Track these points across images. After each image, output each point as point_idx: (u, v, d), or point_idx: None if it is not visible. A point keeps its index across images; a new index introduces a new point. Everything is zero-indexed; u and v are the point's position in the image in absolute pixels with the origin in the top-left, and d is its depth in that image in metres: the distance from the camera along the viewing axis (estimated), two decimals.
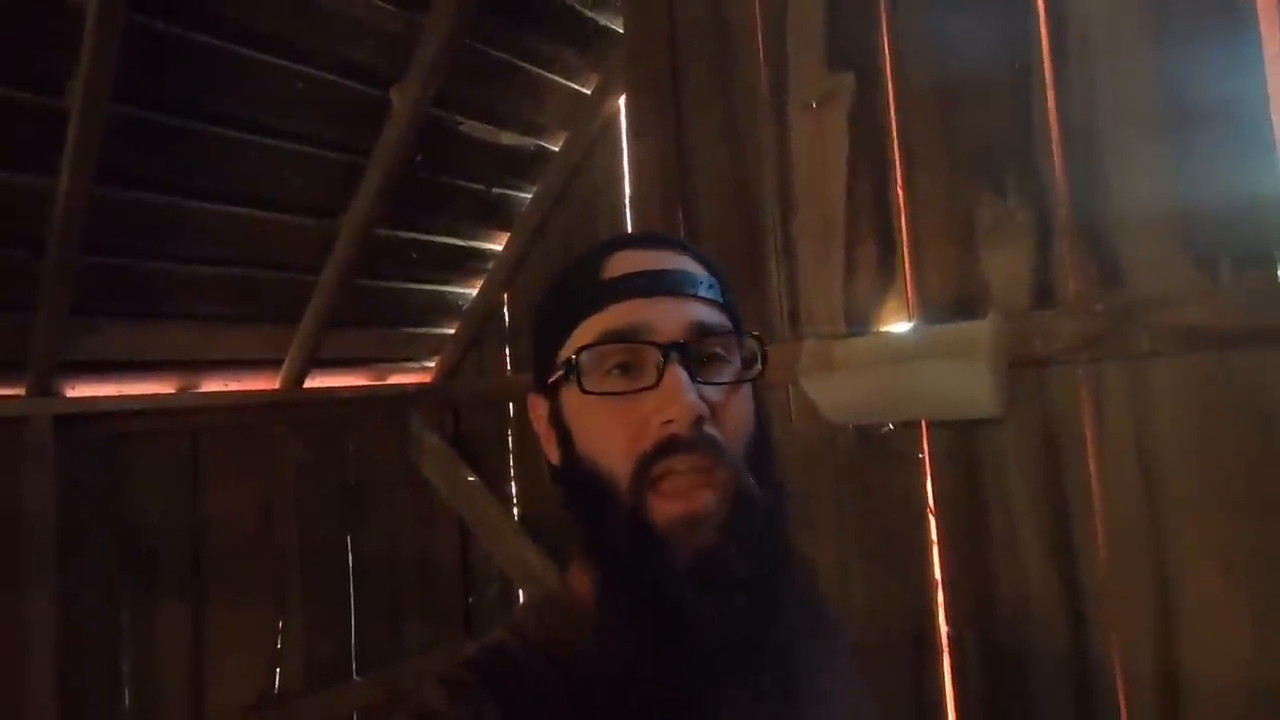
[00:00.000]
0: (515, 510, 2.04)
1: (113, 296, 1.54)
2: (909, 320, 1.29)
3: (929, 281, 1.27)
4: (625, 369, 0.49)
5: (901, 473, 1.29)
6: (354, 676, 1.99)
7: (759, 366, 0.53)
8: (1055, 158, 1.14)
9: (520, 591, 2.02)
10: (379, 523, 2.10)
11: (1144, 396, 1.06)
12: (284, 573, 1.91)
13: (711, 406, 0.48)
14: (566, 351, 0.51)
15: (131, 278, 1.52)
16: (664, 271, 0.51)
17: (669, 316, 0.49)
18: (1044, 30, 1.14)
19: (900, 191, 1.30)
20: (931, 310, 1.26)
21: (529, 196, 1.98)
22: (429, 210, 1.83)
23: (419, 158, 1.66)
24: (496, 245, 2.06)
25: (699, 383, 0.48)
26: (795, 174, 1.44)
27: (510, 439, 2.07)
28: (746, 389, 0.52)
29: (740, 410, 0.51)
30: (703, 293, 0.52)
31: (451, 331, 2.22)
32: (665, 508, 0.46)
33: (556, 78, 1.75)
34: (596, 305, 0.51)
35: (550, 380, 0.53)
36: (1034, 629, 1.15)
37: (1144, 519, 1.06)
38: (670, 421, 0.46)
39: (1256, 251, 0.98)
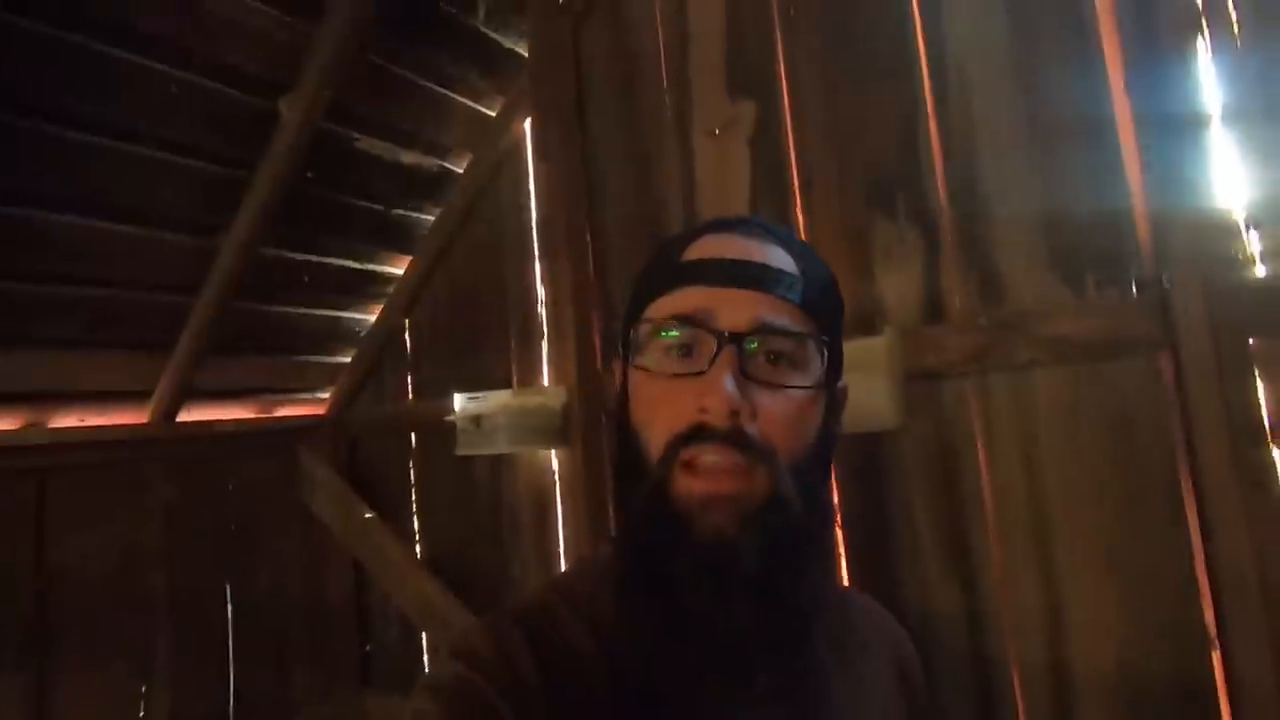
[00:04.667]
0: (418, 548, 1.92)
1: None
2: None
3: None
4: (684, 351, 0.49)
5: None
6: None
7: (821, 374, 0.50)
8: (939, 185, 1.22)
9: (424, 636, 1.90)
10: (263, 567, 1.93)
11: (1025, 403, 1.13)
12: (149, 629, 1.70)
13: (762, 406, 0.47)
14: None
15: None
16: (741, 262, 0.50)
17: (734, 307, 0.48)
18: (925, 70, 1.23)
19: (800, 215, 1.36)
20: None
21: (431, 218, 1.93)
22: (323, 230, 1.74)
23: (310, 174, 1.57)
24: (396, 269, 1.98)
25: (751, 380, 0.47)
26: (700, 197, 1.47)
27: (413, 472, 1.97)
28: (816, 397, 0.50)
29: (794, 416, 0.48)
30: (780, 291, 0.49)
31: (347, 360, 2.11)
32: (688, 484, 0.46)
33: (460, 98, 1.72)
34: (669, 286, 0.51)
35: (620, 350, 0.55)
36: (937, 633, 1.19)
37: (1028, 518, 1.13)
38: (705, 410, 0.46)
39: (1114, 271, 1.08)
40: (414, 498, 1.96)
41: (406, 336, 2.02)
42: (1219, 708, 0.98)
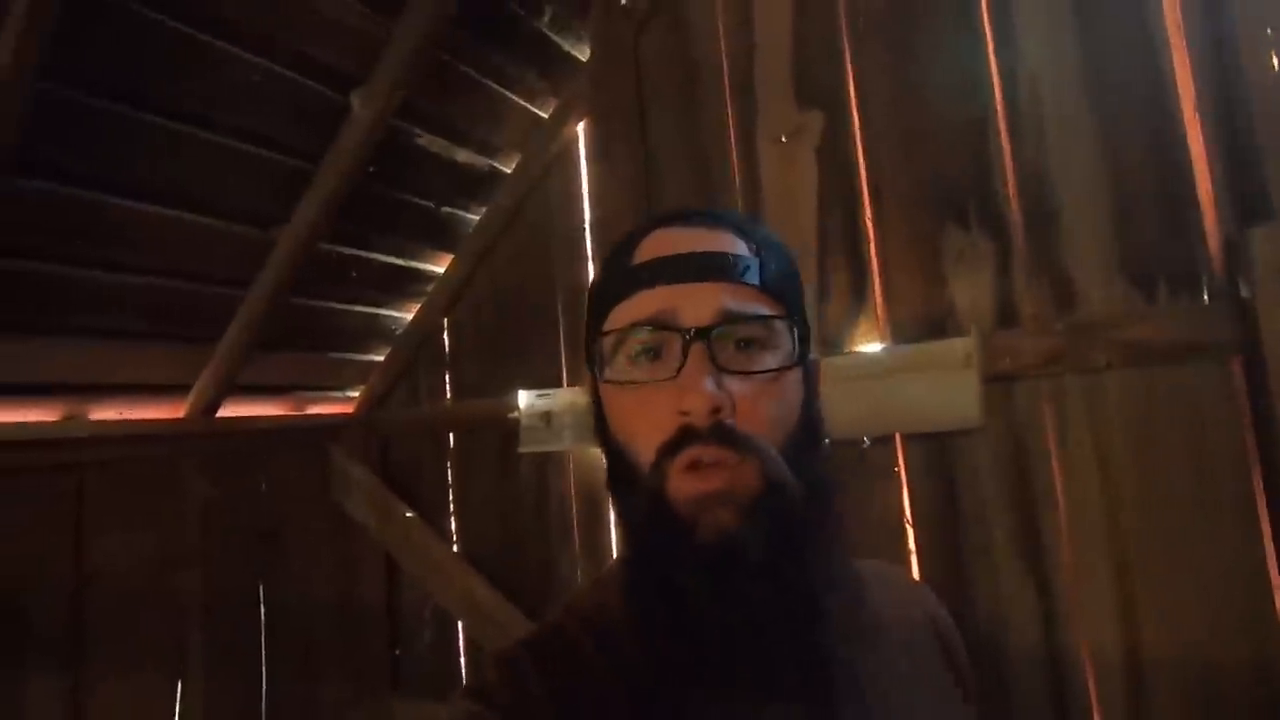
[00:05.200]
0: (455, 548, 1.90)
1: None
2: (880, 341, 1.36)
3: (899, 305, 1.35)
4: (653, 355, 0.49)
5: (878, 487, 1.34)
6: None
7: (795, 354, 0.50)
8: (1011, 193, 1.27)
9: (460, 638, 1.88)
10: (295, 569, 1.89)
11: (1099, 406, 1.18)
12: (184, 631, 1.65)
13: (740, 395, 0.46)
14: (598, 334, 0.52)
15: (22, 284, 1.30)
16: (695, 255, 0.49)
17: (695, 302, 0.48)
18: (997, 83, 1.29)
19: (869, 223, 1.40)
20: (902, 331, 1.34)
21: (475, 218, 1.92)
22: (374, 226, 1.73)
23: (371, 169, 1.57)
24: (437, 267, 1.97)
25: (725, 371, 0.46)
26: (765, 203, 1.51)
27: (450, 472, 1.95)
28: (792, 376, 0.50)
29: (774, 399, 0.48)
30: (737, 276, 0.49)
31: (379, 359, 2.08)
32: (683, 487, 0.45)
33: (517, 99, 1.73)
34: (625, 292, 0.50)
35: (588, 365, 0.54)
36: (1009, 629, 1.22)
37: (1102, 517, 1.17)
38: (687, 413, 0.45)
39: (1187, 277, 1.13)
40: (451, 498, 1.94)
41: (445, 336, 2.00)
42: None
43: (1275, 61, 1.07)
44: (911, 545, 1.31)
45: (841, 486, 0.55)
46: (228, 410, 1.81)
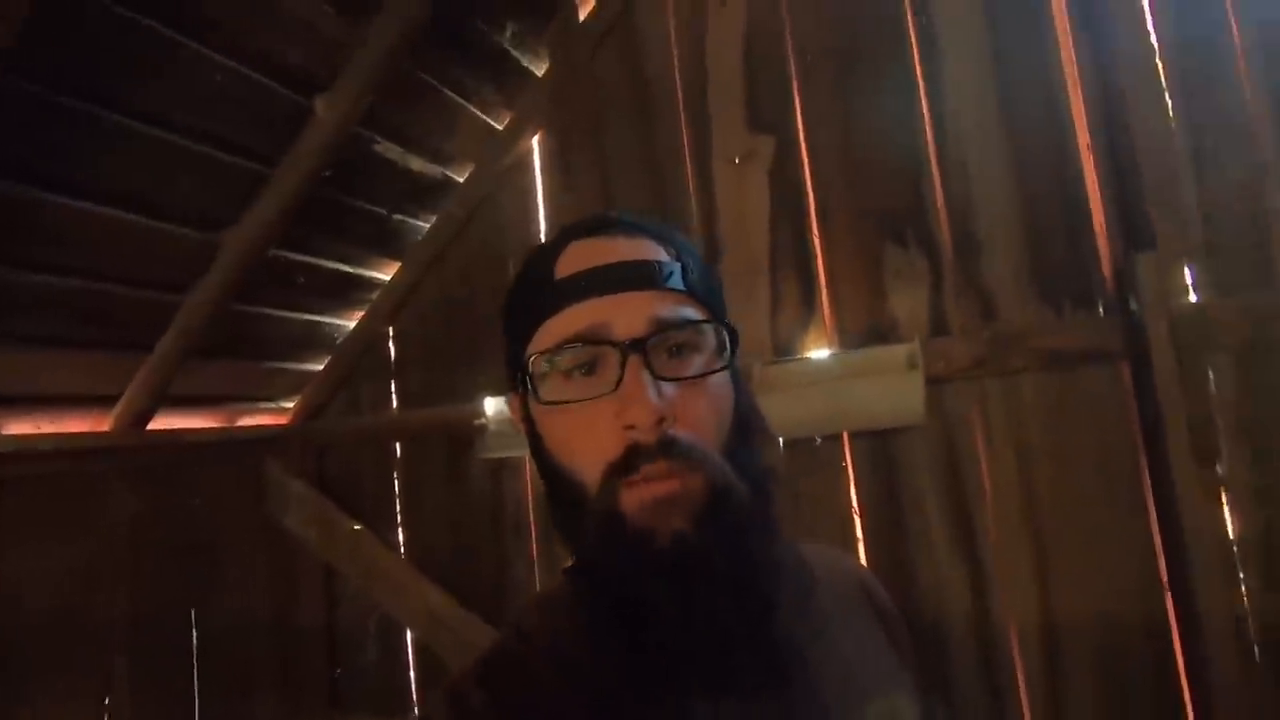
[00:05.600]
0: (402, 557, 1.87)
1: None
2: (829, 348, 1.49)
3: (845, 315, 1.49)
4: (587, 370, 0.48)
5: (827, 481, 1.47)
6: None
7: (728, 355, 0.50)
8: (942, 218, 1.43)
9: (408, 646, 1.85)
10: (229, 585, 1.80)
11: (1016, 406, 1.36)
12: (108, 655, 1.54)
13: (679, 401, 0.47)
14: (528, 353, 0.50)
15: None
16: (621, 264, 0.49)
17: (627, 313, 0.47)
18: (928, 121, 1.45)
19: (817, 239, 1.53)
20: (848, 339, 1.48)
21: (425, 225, 1.92)
22: (324, 232, 1.69)
23: (328, 174, 1.54)
24: (382, 275, 1.95)
25: (662, 379, 0.46)
26: (720, 220, 1.61)
27: (397, 483, 1.92)
28: (723, 375, 0.50)
29: (711, 400, 0.49)
30: (664, 282, 0.49)
31: (316, 368, 2.02)
32: (635, 499, 0.45)
33: (473, 109, 1.75)
34: (553, 307, 0.49)
35: (516, 383, 0.53)
36: (946, 605, 1.37)
37: (1022, 504, 1.34)
38: (632, 427, 0.45)
39: (1085, 294, 1.33)
40: (399, 508, 1.91)
41: (390, 344, 1.97)
42: (1173, 643, 1.23)
43: (1155, 114, 1.28)
44: (859, 532, 1.44)
45: (778, 475, 0.57)
46: (156, 423, 1.71)
